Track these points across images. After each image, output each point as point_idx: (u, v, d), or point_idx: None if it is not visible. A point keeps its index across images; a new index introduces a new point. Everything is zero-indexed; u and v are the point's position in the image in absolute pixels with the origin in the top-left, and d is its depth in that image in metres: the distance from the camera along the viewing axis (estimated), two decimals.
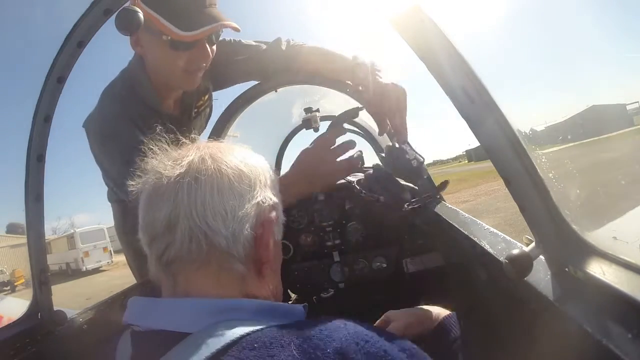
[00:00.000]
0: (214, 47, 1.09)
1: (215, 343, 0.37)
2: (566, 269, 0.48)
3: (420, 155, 1.10)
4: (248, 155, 0.54)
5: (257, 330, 0.38)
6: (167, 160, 0.50)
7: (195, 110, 1.30)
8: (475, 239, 0.73)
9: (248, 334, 0.37)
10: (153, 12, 0.96)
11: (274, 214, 0.52)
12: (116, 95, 1.12)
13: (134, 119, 1.08)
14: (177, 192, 0.46)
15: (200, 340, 0.38)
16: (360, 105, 1.10)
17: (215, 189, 0.46)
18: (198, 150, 0.50)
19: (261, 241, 0.49)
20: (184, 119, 1.28)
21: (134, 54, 1.13)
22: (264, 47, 1.28)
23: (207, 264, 0.46)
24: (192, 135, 0.56)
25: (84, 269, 17.67)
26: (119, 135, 1.04)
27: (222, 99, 1.43)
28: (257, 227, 0.49)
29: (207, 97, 1.33)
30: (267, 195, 0.52)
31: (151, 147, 0.53)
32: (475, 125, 0.52)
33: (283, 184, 1.06)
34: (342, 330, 0.36)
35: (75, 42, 0.85)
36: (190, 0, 0.98)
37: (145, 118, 1.10)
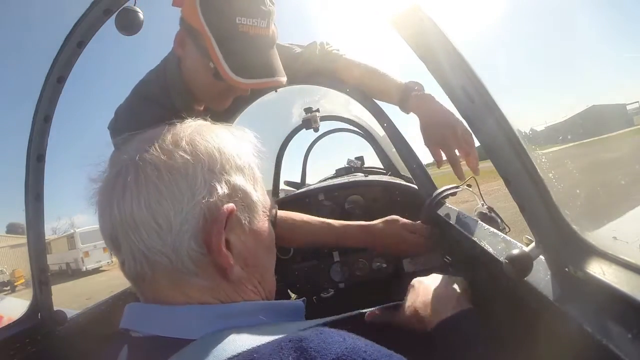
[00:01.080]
0: None
1: (217, 356, 0.35)
2: (566, 269, 0.48)
3: (507, 226, 1.14)
4: (187, 142, 0.43)
5: (259, 346, 0.36)
6: (104, 172, 0.45)
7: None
8: (475, 239, 0.73)
9: (249, 349, 0.36)
10: (208, 30, 0.80)
11: (228, 205, 0.42)
12: (150, 96, 1.01)
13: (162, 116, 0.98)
14: (112, 207, 0.41)
15: (202, 352, 0.37)
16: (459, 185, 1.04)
17: (142, 200, 0.40)
18: (127, 152, 0.43)
19: (211, 246, 0.41)
20: None
21: (171, 50, 1.00)
22: (299, 49, 1.18)
23: (158, 283, 0.42)
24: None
25: (84, 269, 17.65)
26: None
27: None
28: (204, 231, 0.41)
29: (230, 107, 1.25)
30: (216, 186, 0.42)
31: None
32: (475, 125, 0.52)
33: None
34: (341, 344, 0.36)
35: (75, 42, 0.85)
36: (255, 39, 0.83)
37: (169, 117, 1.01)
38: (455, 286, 0.67)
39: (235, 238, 0.44)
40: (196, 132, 0.45)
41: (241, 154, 0.47)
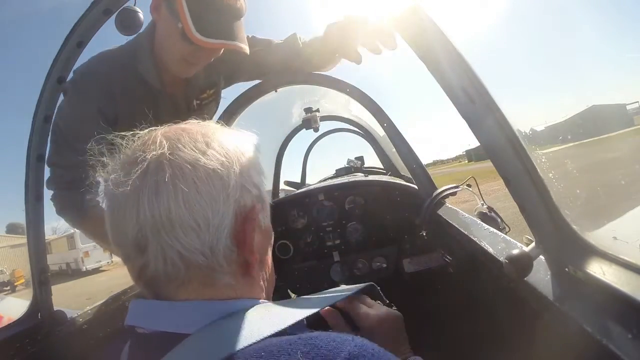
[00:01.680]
0: (222, 50, 1.06)
1: (219, 350, 0.35)
2: (566, 269, 0.48)
3: (507, 226, 1.17)
4: (217, 143, 0.44)
5: (264, 339, 0.36)
6: (121, 169, 0.42)
7: (198, 102, 1.27)
8: (475, 239, 0.73)
9: (255, 342, 0.36)
10: None
11: (257, 205, 0.45)
12: (109, 59, 1.08)
13: (116, 89, 1.07)
14: (139, 209, 0.39)
15: (202, 345, 0.36)
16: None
17: (181, 199, 0.39)
18: (155, 149, 0.41)
19: (244, 243, 0.43)
20: (182, 105, 1.24)
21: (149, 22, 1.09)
22: (279, 41, 1.25)
23: (189, 282, 0.42)
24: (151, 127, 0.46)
25: (84, 269, 17.63)
26: (89, 104, 1.02)
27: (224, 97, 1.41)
28: (237, 230, 0.43)
29: (213, 91, 1.30)
30: (246, 187, 0.44)
31: (101, 153, 0.45)
32: (475, 125, 0.52)
33: None
34: (350, 342, 0.36)
35: (75, 42, 0.85)
36: (222, 6, 0.93)
37: (133, 89, 1.09)
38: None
39: (256, 236, 0.46)
40: (221, 134, 0.46)
41: (256, 158, 0.49)
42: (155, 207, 0.39)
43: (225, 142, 0.45)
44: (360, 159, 2.60)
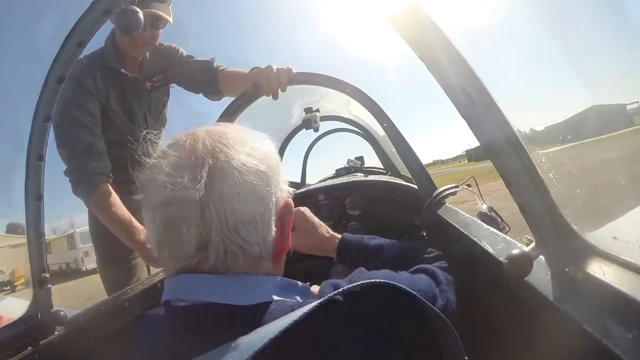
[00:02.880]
0: (158, 32, 1.38)
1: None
2: (566, 269, 0.48)
3: (507, 225, 1.21)
4: (257, 146, 0.49)
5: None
6: (187, 171, 0.44)
7: (150, 84, 1.53)
8: (475, 239, 0.73)
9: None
10: None
11: (290, 200, 0.54)
12: (86, 59, 1.38)
13: (97, 75, 1.36)
14: (203, 211, 0.43)
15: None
16: None
17: (242, 198, 0.45)
18: (206, 153, 0.45)
19: (283, 233, 0.51)
20: (142, 86, 1.50)
21: None
22: (199, 59, 1.57)
23: (237, 269, 0.46)
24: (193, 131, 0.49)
25: (84, 269, 17.59)
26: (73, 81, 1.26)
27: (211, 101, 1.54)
28: (278, 222, 0.50)
29: (161, 76, 1.57)
30: (281, 186, 0.51)
31: (147, 154, 0.48)
32: (475, 125, 0.52)
33: None
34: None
35: (75, 42, 0.85)
36: None
37: (104, 76, 1.39)
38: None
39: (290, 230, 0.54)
40: (257, 138, 0.52)
41: (279, 160, 0.54)
42: (220, 209, 0.43)
43: (264, 147, 0.51)
44: (360, 159, 2.60)
